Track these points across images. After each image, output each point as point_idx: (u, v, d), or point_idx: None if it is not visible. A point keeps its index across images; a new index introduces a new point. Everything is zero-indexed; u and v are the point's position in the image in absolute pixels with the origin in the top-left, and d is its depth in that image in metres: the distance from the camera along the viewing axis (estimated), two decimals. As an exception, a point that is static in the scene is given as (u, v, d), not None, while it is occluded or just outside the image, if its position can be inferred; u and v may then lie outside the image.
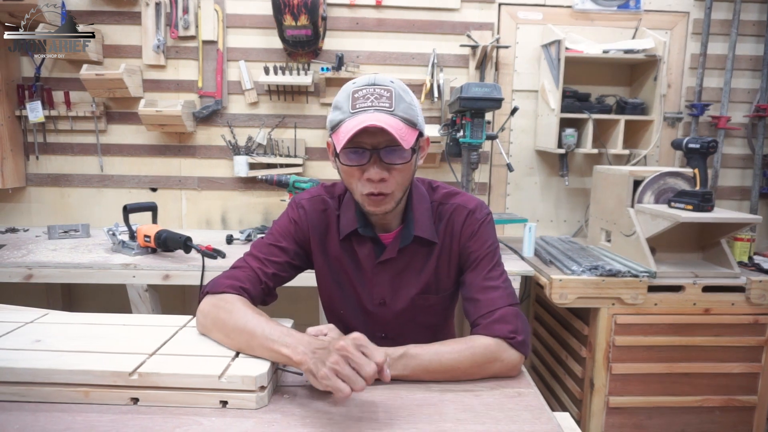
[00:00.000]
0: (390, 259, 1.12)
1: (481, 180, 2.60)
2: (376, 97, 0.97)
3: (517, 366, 1.00)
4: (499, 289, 1.06)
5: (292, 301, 2.17)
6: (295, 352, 0.85)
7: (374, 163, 0.98)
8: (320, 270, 1.19)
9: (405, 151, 0.98)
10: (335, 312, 1.22)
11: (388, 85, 1.00)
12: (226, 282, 1.05)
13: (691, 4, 2.53)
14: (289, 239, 1.14)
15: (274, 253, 1.12)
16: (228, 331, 0.96)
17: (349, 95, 0.99)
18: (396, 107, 0.97)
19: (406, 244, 1.11)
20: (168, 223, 2.55)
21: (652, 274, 1.90)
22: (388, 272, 1.13)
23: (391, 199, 1.03)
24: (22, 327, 1.06)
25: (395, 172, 1.00)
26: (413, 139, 0.99)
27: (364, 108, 0.97)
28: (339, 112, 1.00)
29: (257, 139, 2.52)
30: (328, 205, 1.16)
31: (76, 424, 0.79)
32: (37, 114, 2.43)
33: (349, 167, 1.00)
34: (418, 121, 1.01)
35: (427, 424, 0.82)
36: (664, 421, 1.99)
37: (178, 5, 2.43)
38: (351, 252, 1.15)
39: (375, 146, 0.97)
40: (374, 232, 1.12)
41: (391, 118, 0.96)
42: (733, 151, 2.63)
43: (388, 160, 0.98)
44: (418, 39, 2.51)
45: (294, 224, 1.15)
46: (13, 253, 1.99)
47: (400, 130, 0.95)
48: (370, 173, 0.98)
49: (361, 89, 0.99)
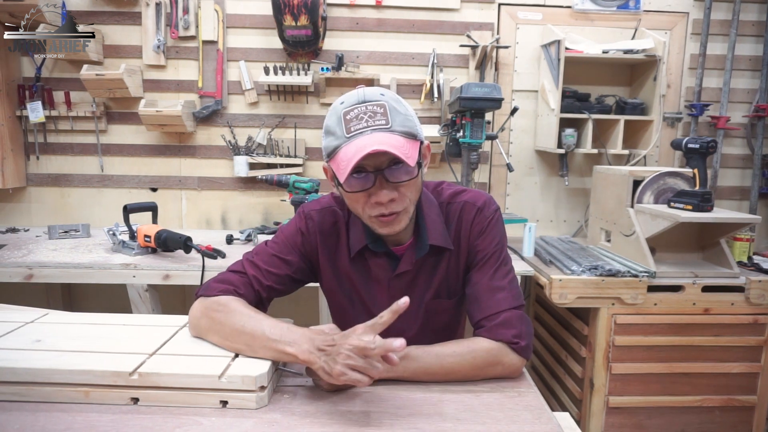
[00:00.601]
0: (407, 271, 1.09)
1: (481, 180, 2.60)
2: (370, 116, 0.92)
3: (518, 370, 1.00)
4: (505, 290, 1.04)
5: (293, 301, 2.17)
6: (300, 350, 0.85)
7: (380, 186, 0.94)
8: (329, 284, 1.14)
9: (410, 166, 0.92)
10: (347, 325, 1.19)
11: (380, 99, 0.94)
12: (220, 286, 1.03)
13: (690, 5, 2.53)
14: (294, 252, 1.10)
15: (276, 264, 1.08)
16: (226, 334, 0.94)
17: (341, 118, 0.93)
18: (393, 123, 0.92)
19: (421, 255, 1.07)
20: (168, 223, 2.55)
21: (651, 274, 1.90)
22: (404, 283, 1.10)
23: (405, 216, 0.98)
24: (22, 327, 1.06)
25: (403, 188, 0.95)
26: (416, 153, 0.94)
27: (360, 130, 0.91)
28: (333, 137, 0.94)
29: (257, 139, 2.52)
30: (338, 217, 1.11)
31: (76, 424, 0.79)
32: (38, 114, 2.43)
33: (354, 194, 0.96)
34: (417, 132, 0.97)
35: (427, 424, 0.82)
36: (664, 421, 1.99)
37: (178, 5, 2.43)
38: (364, 267, 1.10)
39: (378, 167, 0.93)
40: (386, 246, 1.08)
41: (391, 136, 0.91)
42: (732, 151, 2.63)
43: (394, 178, 0.94)
44: (418, 39, 2.51)
45: (301, 235, 1.10)
46: (14, 253, 1.99)
47: (402, 148, 0.90)
48: (378, 197, 0.94)
49: (351, 109, 0.93)
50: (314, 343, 0.85)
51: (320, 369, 0.83)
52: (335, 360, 0.81)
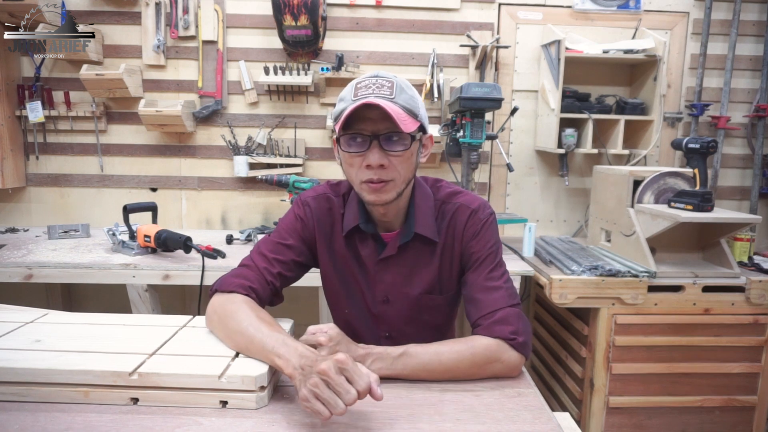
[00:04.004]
0: (392, 257, 1.12)
1: (481, 180, 2.60)
2: (378, 86, 1.00)
3: (518, 367, 1.00)
4: (501, 289, 1.06)
5: (293, 301, 2.16)
6: (287, 364, 0.84)
7: (374, 149, 0.99)
8: (325, 268, 1.19)
9: (405, 138, 1.00)
10: (340, 311, 1.22)
11: (391, 78, 1.03)
12: (235, 281, 1.06)
13: (691, 4, 2.53)
14: (295, 237, 1.15)
15: (281, 251, 1.13)
16: (229, 332, 0.97)
17: (353, 87, 1.02)
18: (397, 96, 0.99)
19: (406, 241, 1.11)
20: (168, 223, 2.55)
21: (652, 274, 1.90)
22: (391, 270, 1.14)
23: (392, 187, 1.03)
24: (22, 327, 1.06)
25: (395, 159, 1.01)
26: (413, 126, 1.00)
27: (366, 95, 0.99)
28: (342, 102, 1.02)
29: (257, 139, 2.52)
30: (333, 204, 1.17)
31: (76, 424, 0.79)
32: (37, 114, 2.43)
33: (349, 154, 1.02)
34: (419, 113, 1.03)
35: (427, 424, 0.82)
36: (664, 421, 1.99)
37: (178, 5, 2.43)
38: (354, 250, 1.15)
39: (375, 133, 0.99)
40: (376, 229, 1.13)
41: (392, 104, 0.97)
42: (732, 151, 2.63)
43: (388, 147, 1.00)
44: (418, 39, 2.51)
45: (300, 222, 1.16)
46: (13, 253, 1.99)
47: (399, 115, 0.97)
48: (369, 159, 0.99)
49: (364, 80, 1.02)
50: (301, 360, 0.83)
51: (296, 387, 0.81)
52: (304, 383, 0.78)
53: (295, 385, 0.81)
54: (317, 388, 0.75)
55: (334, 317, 1.25)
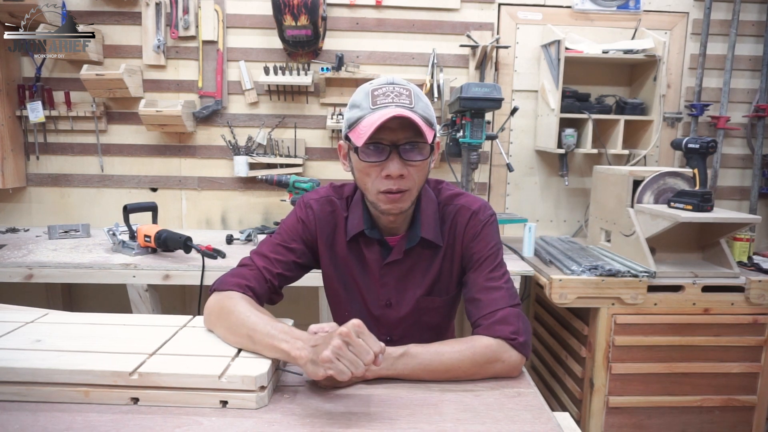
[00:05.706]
0: (396, 261, 1.12)
1: (481, 180, 2.60)
2: (397, 95, 0.99)
3: (518, 367, 1.01)
4: (501, 289, 1.06)
5: (293, 301, 2.16)
6: (293, 347, 0.86)
7: (393, 159, 0.98)
8: (327, 271, 1.19)
9: (424, 148, 1.00)
10: (341, 313, 1.22)
11: (407, 85, 1.02)
12: (232, 280, 1.07)
13: (690, 5, 2.53)
14: (296, 239, 1.15)
15: (281, 252, 1.13)
16: (230, 326, 0.97)
17: (368, 93, 1.00)
18: (416, 105, 0.99)
19: (411, 246, 1.11)
20: (168, 223, 2.55)
21: (651, 274, 1.90)
22: (395, 274, 1.14)
23: (409, 197, 1.03)
24: (22, 327, 1.06)
25: (413, 169, 1.01)
26: (431, 137, 1.00)
27: (386, 104, 0.98)
28: (358, 109, 1.01)
29: (257, 139, 2.52)
30: (336, 206, 1.16)
31: (76, 424, 0.79)
32: (38, 114, 2.43)
33: (366, 164, 1.00)
34: (434, 122, 1.04)
35: (427, 424, 0.82)
36: (663, 421, 2.00)
37: (178, 5, 2.43)
38: (358, 253, 1.15)
39: (395, 142, 0.98)
40: (381, 234, 1.13)
41: (413, 113, 0.97)
42: (732, 151, 2.63)
43: (408, 156, 0.99)
44: (418, 39, 2.51)
45: (302, 224, 1.15)
46: (14, 253, 1.99)
47: (422, 126, 0.97)
48: (389, 169, 0.98)
49: (380, 87, 1.00)
50: (309, 342, 0.87)
51: (307, 363, 0.84)
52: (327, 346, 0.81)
53: (308, 359, 0.83)
54: (340, 350, 0.80)
55: (335, 318, 1.25)
